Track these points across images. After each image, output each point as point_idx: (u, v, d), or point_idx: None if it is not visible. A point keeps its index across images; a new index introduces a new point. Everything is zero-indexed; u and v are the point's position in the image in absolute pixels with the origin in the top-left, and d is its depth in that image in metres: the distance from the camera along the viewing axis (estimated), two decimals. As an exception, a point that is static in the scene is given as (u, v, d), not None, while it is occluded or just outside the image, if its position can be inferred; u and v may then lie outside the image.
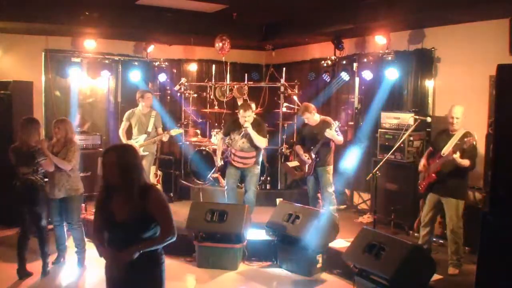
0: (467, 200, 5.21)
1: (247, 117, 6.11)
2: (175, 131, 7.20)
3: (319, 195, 6.38)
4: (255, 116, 6.41)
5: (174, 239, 3.02)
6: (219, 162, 6.43)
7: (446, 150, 4.95)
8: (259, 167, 6.43)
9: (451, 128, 5.07)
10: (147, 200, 2.93)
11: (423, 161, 5.30)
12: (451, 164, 4.91)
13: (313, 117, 6.31)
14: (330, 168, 6.34)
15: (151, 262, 3.02)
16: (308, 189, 6.57)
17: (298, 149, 6.49)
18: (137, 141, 6.94)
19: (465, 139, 4.79)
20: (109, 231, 3.01)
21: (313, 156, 6.22)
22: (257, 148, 6.27)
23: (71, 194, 5.29)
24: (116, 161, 2.92)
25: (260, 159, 6.49)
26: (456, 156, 4.77)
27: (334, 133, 6.07)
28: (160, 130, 7.19)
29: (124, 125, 7.17)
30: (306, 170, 6.37)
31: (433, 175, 5.08)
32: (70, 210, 5.35)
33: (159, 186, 7.82)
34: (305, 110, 6.31)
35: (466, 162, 4.83)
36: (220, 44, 7.97)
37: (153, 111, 7.18)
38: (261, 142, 6.22)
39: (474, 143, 4.76)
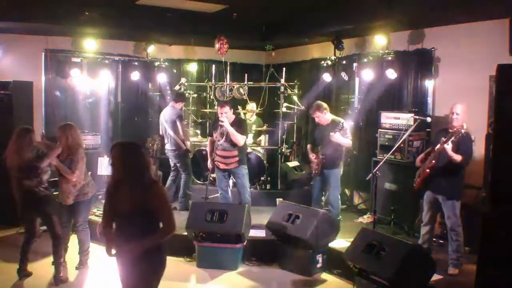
0: (462, 200, 5.20)
1: (223, 113, 6.09)
2: None
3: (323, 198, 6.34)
4: (239, 116, 6.38)
5: (174, 232, 3.20)
6: (209, 164, 6.42)
7: (440, 145, 4.92)
8: (245, 166, 6.36)
9: (451, 125, 5.03)
10: (149, 196, 3.08)
11: (421, 156, 5.30)
12: (445, 159, 4.89)
13: (324, 117, 6.16)
14: (338, 170, 6.21)
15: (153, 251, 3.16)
16: (313, 190, 6.41)
17: (309, 148, 6.41)
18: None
19: (454, 129, 4.77)
20: (115, 222, 3.22)
21: (321, 157, 6.11)
22: (238, 147, 6.19)
23: (80, 199, 5.24)
24: (119, 157, 3.12)
25: (245, 159, 6.43)
26: (448, 146, 4.73)
27: (339, 137, 5.91)
28: None
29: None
30: (313, 171, 6.26)
31: (427, 170, 5.05)
32: (77, 212, 5.30)
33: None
34: (316, 109, 6.16)
35: (458, 157, 4.81)
36: (218, 45, 7.97)
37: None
38: (238, 138, 6.10)
39: (463, 131, 4.72)
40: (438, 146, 4.92)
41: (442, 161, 4.96)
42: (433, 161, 5.01)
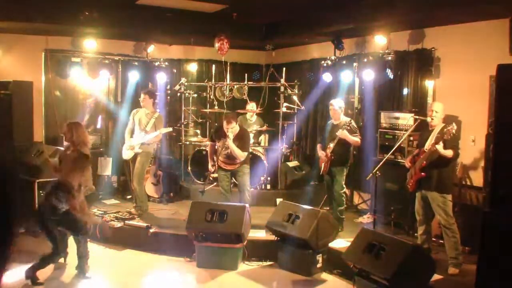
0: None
1: (229, 129, 6.07)
2: (164, 129, 7.07)
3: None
4: (243, 127, 6.42)
5: None
6: (210, 168, 6.42)
7: (428, 145, 5.02)
8: (247, 166, 6.38)
9: (430, 124, 5.19)
10: None
11: (409, 158, 5.39)
12: (435, 156, 4.97)
13: (337, 114, 6.30)
14: (344, 169, 6.29)
15: None
16: (326, 188, 6.56)
17: (319, 147, 6.52)
18: (133, 140, 6.88)
19: (445, 130, 4.87)
20: None
21: (329, 154, 6.19)
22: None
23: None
24: None
25: (248, 159, 6.44)
26: (439, 147, 4.84)
27: (346, 133, 6.01)
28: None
29: (129, 123, 7.03)
30: (322, 168, 6.35)
31: (419, 171, 5.11)
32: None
33: (159, 186, 7.83)
34: (335, 103, 6.36)
35: (449, 152, 4.90)
36: (218, 44, 7.96)
37: (156, 113, 7.11)
38: (240, 155, 6.14)
39: (454, 131, 4.83)
40: (428, 147, 5.00)
41: (432, 159, 5.02)
42: (424, 162, 5.06)
